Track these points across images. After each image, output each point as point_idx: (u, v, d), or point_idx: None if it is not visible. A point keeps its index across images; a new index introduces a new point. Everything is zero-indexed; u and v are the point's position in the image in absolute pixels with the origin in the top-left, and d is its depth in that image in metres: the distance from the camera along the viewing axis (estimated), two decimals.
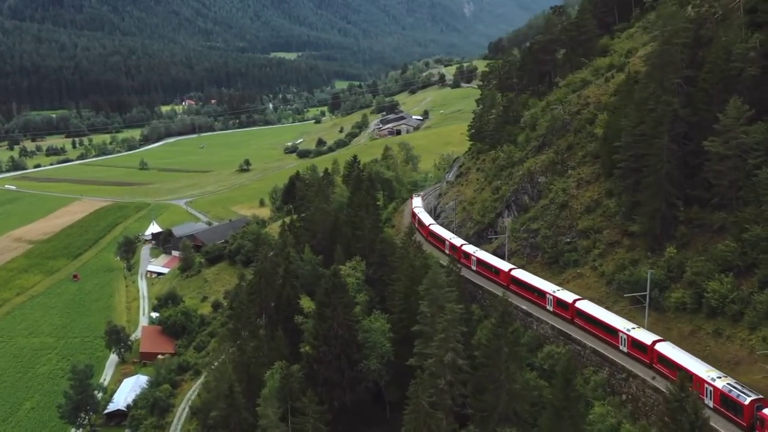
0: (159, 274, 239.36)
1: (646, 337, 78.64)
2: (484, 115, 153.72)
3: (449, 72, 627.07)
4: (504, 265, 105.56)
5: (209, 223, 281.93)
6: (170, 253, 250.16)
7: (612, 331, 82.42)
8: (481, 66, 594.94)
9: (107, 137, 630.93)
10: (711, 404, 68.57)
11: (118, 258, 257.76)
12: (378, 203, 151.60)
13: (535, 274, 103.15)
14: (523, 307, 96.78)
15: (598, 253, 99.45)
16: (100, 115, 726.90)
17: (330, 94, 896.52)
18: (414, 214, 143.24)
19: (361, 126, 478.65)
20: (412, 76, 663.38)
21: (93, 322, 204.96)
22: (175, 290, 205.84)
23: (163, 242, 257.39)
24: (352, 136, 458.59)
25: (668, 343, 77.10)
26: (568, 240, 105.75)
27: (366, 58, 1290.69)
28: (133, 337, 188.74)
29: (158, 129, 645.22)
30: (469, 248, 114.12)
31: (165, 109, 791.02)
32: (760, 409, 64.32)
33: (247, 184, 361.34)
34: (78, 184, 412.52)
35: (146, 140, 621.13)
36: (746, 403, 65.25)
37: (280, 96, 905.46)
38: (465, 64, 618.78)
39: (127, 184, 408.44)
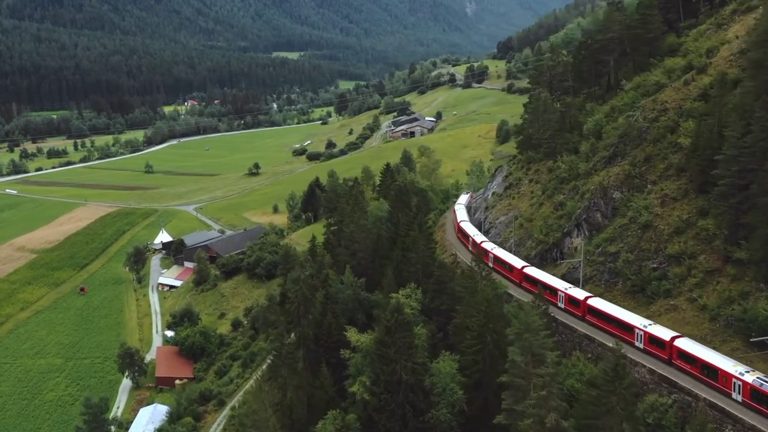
0: (171, 287, 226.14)
1: (663, 333, 77.97)
2: (535, 121, 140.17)
3: (459, 72, 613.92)
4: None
5: (222, 232, 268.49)
6: (182, 265, 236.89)
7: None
8: (492, 66, 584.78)
9: (110, 139, 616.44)
10: (740, 399, 67.42)
11: (127, 269, 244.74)
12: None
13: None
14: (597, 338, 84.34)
15: (695, 283, 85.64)
16: (101, 116, 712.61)
17: (334, 94, 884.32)
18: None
19: (373, 128, 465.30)
20: (420, 77, 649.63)
21: (103, 340, 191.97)
22: (190, 306, 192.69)
23: (175, 252, 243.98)
24: (364, 138, 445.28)
25: (687, 338, 76.28)
26: (655, 266, 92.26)
27: (368, 58, 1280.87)
28: (147, 358, 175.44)
29: (162, 130, 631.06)
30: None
31: (167, 109, 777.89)
32: None
33: (257, 189, 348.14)
34: (82, 188, 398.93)
35: (150, 142, 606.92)
36: None
37: (285, 96, 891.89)
38: (475, 64, 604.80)
39: (132, 189, 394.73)
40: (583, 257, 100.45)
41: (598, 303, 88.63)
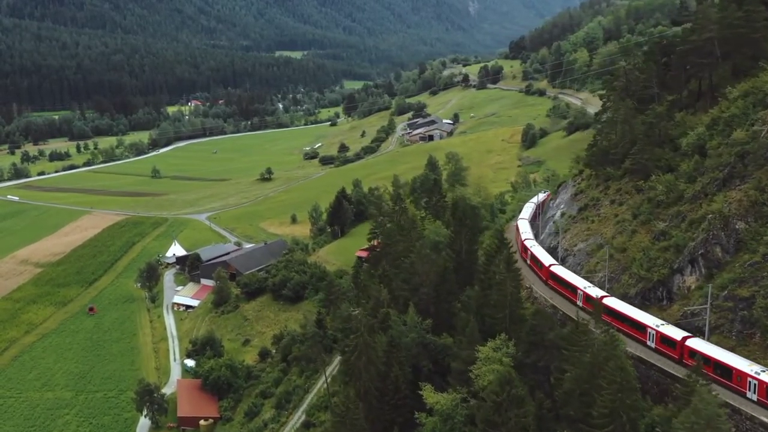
0: (187, 307, 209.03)
1: (674, 332, 79.52)
2: (612, 133, 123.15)
3: (471, 72, 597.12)
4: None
5: (238, 244, 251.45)
6: (199, 282, 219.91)
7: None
8: (507, 66, 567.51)
9: (113, 140, 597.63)
10: (755, 398, 68.02)
11: (139, 285, 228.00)
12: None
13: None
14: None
15: None
16: (104, 117, 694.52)
17: (341, 94, 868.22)
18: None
19: (387, 130, 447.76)
20: (431, 77, 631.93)
21: (116, 369, 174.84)
22: (212, 333, 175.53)
23: (190, 268, 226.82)
24: (379, 141, 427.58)
25: (698, 338, 77.65)
26: None
27: (372, 57, 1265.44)
28: (166, 391, 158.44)
29: (167, 132, 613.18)
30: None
31: (171, 110, 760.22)
32: None
33: (272, 196, 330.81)
34: (87, 194, 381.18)
35: (155, 144, 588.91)
36: None
37: (290, 96, 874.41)
38: (489, 64, 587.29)
39: (139, 195, 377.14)
40: (710, 302, 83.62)
41: (613, 302, 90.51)
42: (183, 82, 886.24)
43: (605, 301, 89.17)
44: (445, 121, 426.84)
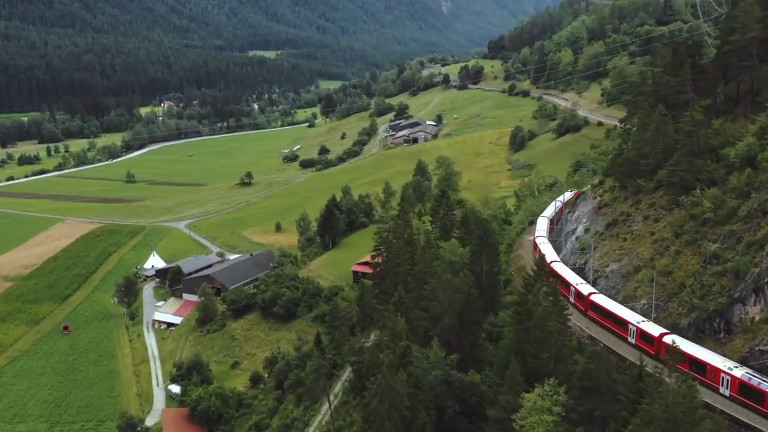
0: (169, 324, 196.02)
1: (653, 329, 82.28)
2: (641, 142, 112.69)
3: (451, 72, 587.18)
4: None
5: (221, 255, 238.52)
6: (181, 297, 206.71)
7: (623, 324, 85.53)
8: (487, 66, 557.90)
9: (85, 143, 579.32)
10: (727, 393, 70.66)
11: (116, 301, 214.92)
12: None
13: None
14: None
15: None
16: (75, 119, 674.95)
17: (317, 94, 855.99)
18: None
19: (369, 132, 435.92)
20: (411, 77, 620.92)
21: (94, 397, 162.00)
22: (198, 356, 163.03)
23: (171, 282, 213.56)
24: (361, 143, 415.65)
25: (676, 335, 79.61)
26: None
27: (347, 57, 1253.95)
28: (149, 422, 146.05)
29: (141, 134, 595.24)
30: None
31: (144, 111, 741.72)
32: None
33: (254, 202, 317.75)
34: (59, 201, 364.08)
35: (128, 147, 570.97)
36: None
37: (266, 97, 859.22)
38: (470, 64, 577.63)
39: (114, 201, 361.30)
40: None
41: (600, 299, 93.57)
42: (155, 83, 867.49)
43: (593, 298, 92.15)
44: (428, 122, 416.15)
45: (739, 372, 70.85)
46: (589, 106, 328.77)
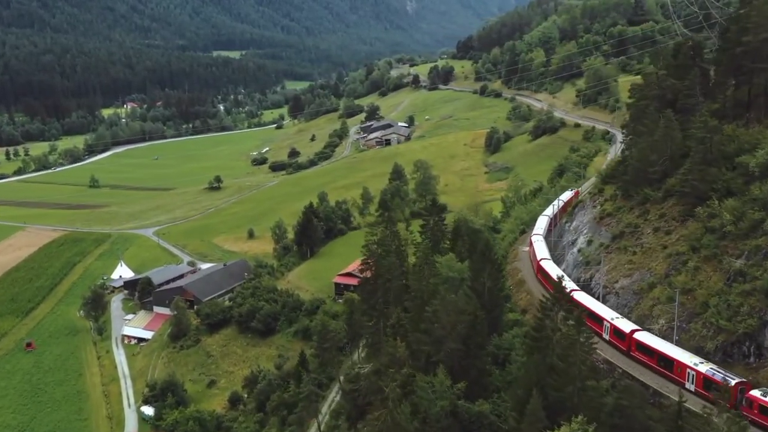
0: (140, 340, 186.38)
1: (625, 325, 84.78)
2: (647, 149, 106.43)
3: (421, 72, 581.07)
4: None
5: (192, 264, 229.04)
6: (151, 310, 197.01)
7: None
8: (458, 66, 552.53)
9: (45, 147, 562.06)
10: (693, 388, 72.83)
11: (82, 314, 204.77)
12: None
13: None
14: None
15: None
16: (35, 121, 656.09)
17: (284, 95, 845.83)
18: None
19: (340, 134, 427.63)
20: (379, 77, 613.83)
21: (61, 420, 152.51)
22: (172, 376, 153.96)
23: (141, 294, 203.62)
24: (332, 146, 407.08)
25: (647, 332, 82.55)
26: None
27: (312, 57, 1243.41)
28: None
29: (104, 137, 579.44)
30: None
31: (107, 112, 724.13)
32: (744, 391, 67.94)
33: (224, 208, 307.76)
34: (19, 208, 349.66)
35: (91, 150, 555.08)
36: (732, 384, 68.31)
37: (231, 98, 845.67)
38: (439, 64, 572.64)
39: (77, 207, 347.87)
40: None
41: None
42: (118, 83, 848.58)
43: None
44: (400, 124, 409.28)
45: (704, 367, 72.83)
46: (564, 107, 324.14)
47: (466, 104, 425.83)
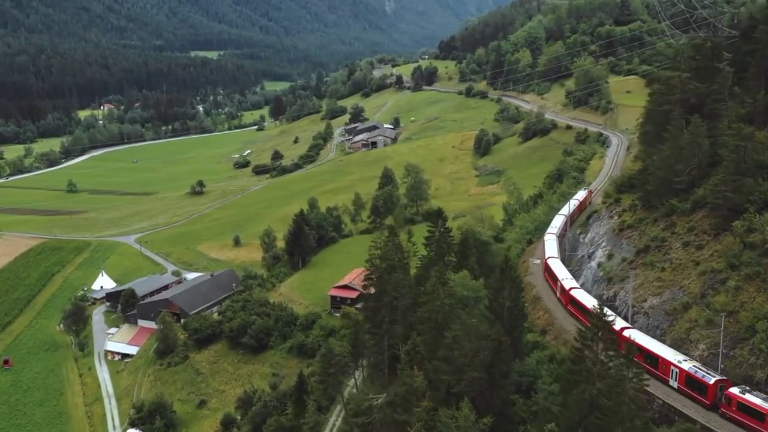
0: (124, 355, 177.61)
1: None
2: (672, 158, 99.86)
3: (404, 73, 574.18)
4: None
5: (177, 274, 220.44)
6: (135, 323, 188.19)
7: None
8: (441, 67, 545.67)
9: (21, 149, 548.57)
10: (676, 385, 74.49)
11: (62, 328, 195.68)
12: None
13: None
14: None
15: None
16: (10, 124, 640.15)
17: (263, 96, 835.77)
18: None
19: (325, 136, 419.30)
20: (361, 78, 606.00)
21: None
22: (161, 397, 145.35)
23: (124, 306, 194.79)
24: (317, 148, 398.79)
25: (636, 330, 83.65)
26: None
27: (291, 57, 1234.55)
28: None
29: (81, 140, 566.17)
30: None
31: (83, 114, 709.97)
32: (724, 389, 69.33)
33: (208, 213, 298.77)
34: None
35: (68, 153, 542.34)
36: (711, 382, 70.36)
37: (211, 99, 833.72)
38: (423, 65, 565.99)
39: (55, 213, 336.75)
40: None
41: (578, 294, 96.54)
42: (94, 84, 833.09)
43: (572, 293, 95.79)
44: (386, 126, 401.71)
45: (687, 365, 73.98)
46: (553, 109, 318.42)
47: (451, 105, 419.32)
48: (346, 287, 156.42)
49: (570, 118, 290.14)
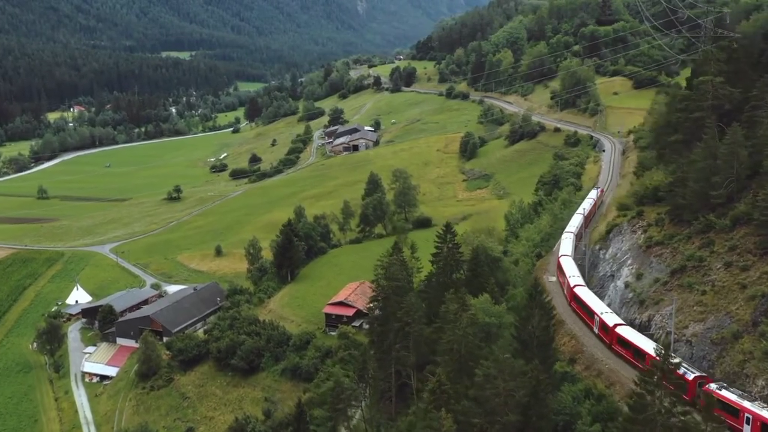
0: (103, 377, 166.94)
1: (611, 319, 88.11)
2: (707, 170, 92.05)
3: (381, 74, 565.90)
4: None
5: (157, 287, 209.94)
6: (114, 342, 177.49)
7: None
8: (420, 67, 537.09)
9: None
10: None
11: (35, 347, 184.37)
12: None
13: None
14: None
15: None
16: None
17: (237, 97, 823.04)
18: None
19: (304, 139, 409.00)
20: (338, 79, 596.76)
21: None
22: (145, 426, 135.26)
23: (102, 323, 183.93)
24: (296, 152, 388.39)
25: (627, 326, 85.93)
26: None
27: (264, 57, 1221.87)
28: None
29: (51, 143, 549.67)
30: None
31: (53, 117, 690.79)
32: (702, 385, 69.85)
33: (187, 221, 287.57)
34: None
35: (38, 158, 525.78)
36: (690, 378, 70.41)
37: (184, 100, 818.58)
38: (401, 65, 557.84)
39: (25, 221, 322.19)
40: None
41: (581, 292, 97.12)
42: (63, 86, 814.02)
43: (576, 289, 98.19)
44: (366, 128, 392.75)
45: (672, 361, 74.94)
46: (539, 110, 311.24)
47: (432, 107, 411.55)
48: (341, 304, 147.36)
49: (557, 120, 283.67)
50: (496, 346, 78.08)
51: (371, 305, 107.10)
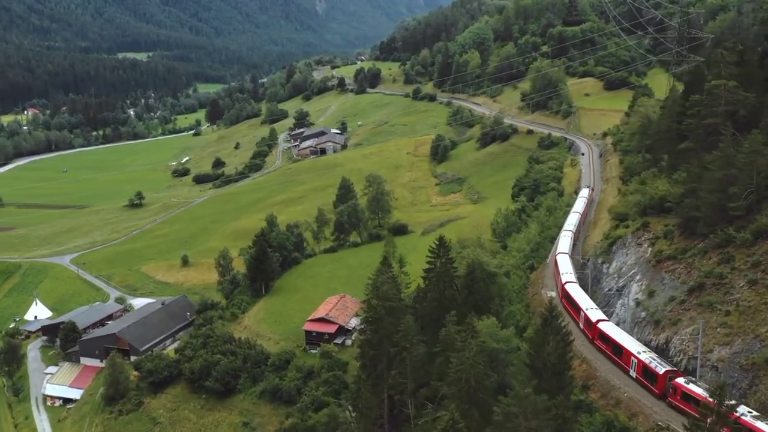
0: (66, 400, 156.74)
1: (594, 315, 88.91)
2: (725, 180, 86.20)
3: (345, 75, 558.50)
4: None
5: (122, 301, 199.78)
6: (78, 361, 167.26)
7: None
8: (384, 68, 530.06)
9: None
10: (635, 375, 78.09)
11: None
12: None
13: None
14: None
15: None
16: None
17: (197, 99, 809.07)
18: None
19: (269, 142, 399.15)
20: (301, 80, 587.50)
21: None
22: None
23: (64, 341, 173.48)
24: (262, 155, 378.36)
25: (610, 323, 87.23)
26: None
27: (223, 59, 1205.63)
28: None
29: (5, 147, 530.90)
30: None
31: (6, 120, 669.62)
32: (672, 378, 72.72)
33: (150, 229, 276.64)
34: None
35: None
36: (661, 372, 73.73)
37: (142, 103, 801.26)
38: (366, 66, 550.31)
39: None
40: None
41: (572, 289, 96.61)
42: (17, 88, 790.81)
43: (567, 287, 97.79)
44: (333, 130, 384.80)
45: (645, 356, 76.77)
46: (509, 112, 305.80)
47: (399, 109, 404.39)
48: (322, 320, 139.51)
49: (529, 123, 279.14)
50: (508, 374, 71.23)
51: (363, 327, 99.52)
